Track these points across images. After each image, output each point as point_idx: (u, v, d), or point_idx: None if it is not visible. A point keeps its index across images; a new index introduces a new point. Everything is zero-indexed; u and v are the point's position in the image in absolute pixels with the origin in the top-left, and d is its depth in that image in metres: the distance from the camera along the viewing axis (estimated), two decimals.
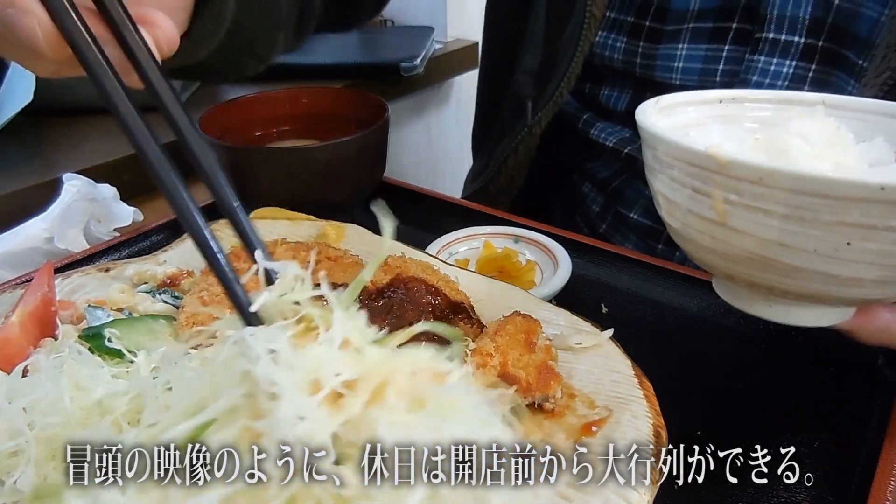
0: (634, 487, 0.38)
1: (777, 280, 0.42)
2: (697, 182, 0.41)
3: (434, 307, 0.51)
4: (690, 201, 0.42)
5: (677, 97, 0.52)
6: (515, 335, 0.47)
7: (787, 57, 0.72)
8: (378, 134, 0.79)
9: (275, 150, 0.80)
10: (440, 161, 1.71)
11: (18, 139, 1.00)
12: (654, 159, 0.45)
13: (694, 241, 0.45)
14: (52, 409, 0.39)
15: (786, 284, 0.42)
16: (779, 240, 0.39)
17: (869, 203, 0.35)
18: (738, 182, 0.38)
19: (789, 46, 0.71)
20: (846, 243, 0.37)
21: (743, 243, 0.41)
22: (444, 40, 1.56)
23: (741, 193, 0.38)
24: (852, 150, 0.45)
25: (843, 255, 0.38)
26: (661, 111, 0.51)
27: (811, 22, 0.70)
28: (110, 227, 0.76)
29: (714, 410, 0.53)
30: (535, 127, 0.87)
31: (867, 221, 0.36)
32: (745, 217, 0.39)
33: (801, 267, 0.39)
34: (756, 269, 0.42)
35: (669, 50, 0.78)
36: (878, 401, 0.53)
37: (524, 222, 0.76)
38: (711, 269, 0.47)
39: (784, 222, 0.38)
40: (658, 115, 0.50)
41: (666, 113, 0.51)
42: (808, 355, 0.58)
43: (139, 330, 0.49)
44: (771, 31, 0.71)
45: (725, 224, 0.40)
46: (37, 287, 0.52)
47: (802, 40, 0.71)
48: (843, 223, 0.36)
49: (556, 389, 0.45)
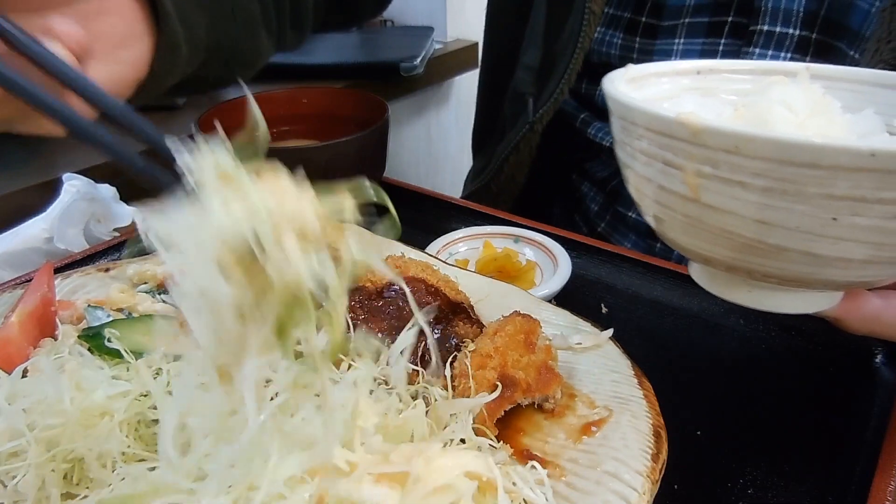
0: (634, 487, 0.38)
1: (757, 262, 0.38)
2: (668, 154, 0.37)
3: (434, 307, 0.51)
4: (661, 176, 0.38)
5: (648, 67, 0.48)
6: (515, 335, 0.47)
7: (781, 49, 0.72)
8: (378, 134, 0.79)
9: (275, 150, 0.80)
10: (440, 161, 1.71)
11: (18, 139, 1.00)
12: (623, 131, 0.41)
13: (666, 221, 0.41)
14: (53, 410, 0.39)
15: (766, 267, 0.38)
16: (758, 217, 0.35)
17: (858, 172, 0.31)
18: (712, 152, 0.34)
19: (784, 39, 0.72)
20: (832, 219, 0.33)
21: (718, 221, 0.37)
22: (444, 40, 1.56)
23: (716, 165, 0.34)
24: (839, 119, 0.41)
25: (829, 233, 0.34)
26: (632, 82, 0.47)
27: (805, 14, 0.71)
28: (110, 227, 0.76)
29: (714, 410, 0.53)
30: (536, 124, 0.88)
31: (856, 193, 0.32)
32: (721, 191, 0.35)
33: (782, 246, 0.36)
34: (733, 251, 0.38)
35: (666, 45, 0.78)
36: (878, 401, 0.53)
37: (524, 222, 0.76)
38: (686, 252, 0.43)
39: (763, 196, 0.34)
40: (628, 86, 0.46)
41: (637, 84, 0.47)
42: (808, 355, 0.59)
43: (139, 330, 0.49)
44: (766, 24, 0.72)
45: (699, 200, 0.36)
46: (36, 287, 0.52)
47: (797, 32, 0.72)
48: (829, 196, 0.32)
49: (556, 389, 0.45)
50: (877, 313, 0.41)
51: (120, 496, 0.35)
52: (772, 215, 0.34)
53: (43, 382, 0.41)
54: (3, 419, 0.39)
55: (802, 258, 0.36)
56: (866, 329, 0.42)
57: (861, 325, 0.41)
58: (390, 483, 0.34)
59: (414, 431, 0.41)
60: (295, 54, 1.32)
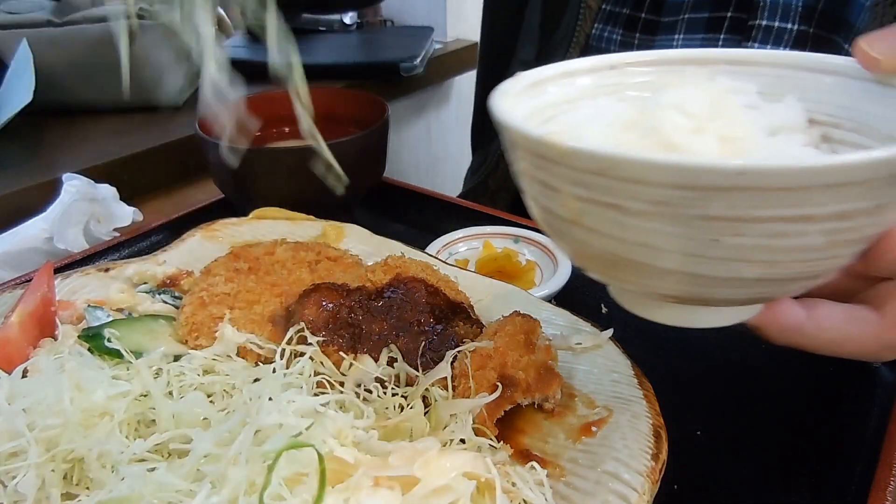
0: (634, 487, 0.38)
1: (651, 283, 0.35)
2: (544, 175, 0.34)
3: (434, 307, 0.51)
4: (544, 198, 0.35)
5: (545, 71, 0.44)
6: (515, 335, 0.47)
7: (780, 44, 0.73)
8: (378, 134, 0.79)
9: (275, 150, 0.80)
10: (440, 161, 1.71)
11: (18, 139, 1.00)
12: (507, 150, 0.38)
13: (563, 245, 0.38)
14: (53, 410, 0.39)
15: (662, 288, 0.35)
16: (639, 240, 0.32)
17: (730, 192, 0.28)
18: (584, 175, 0.31)
19: (783, 33, 0.72)
20: (714, 240, 0.30)
21: (603, 245, 0.34)
22: (444, 40, 1.56)
23: (590, 188, 0.32)
24: (742, 118, 0.37)
25: (713, 254, 0.31)
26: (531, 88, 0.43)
27: (804, 9, 0.71)
28: (110, 227, 0.76)
29: (714, 410, 0.53)
30: None
31: (731, 214, 0.29)
32: (599, 215, 0.32)
33: (671, 269, 0.33)
34: (624, 273, 0.35)
35: (665, 41, 0.78)
36: (878, 401, 0.53)
37: (524, 222, 0.76)
38: (590, 274, 0.39)
39: (640, 220, 0.31)
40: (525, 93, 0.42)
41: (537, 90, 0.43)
42: (808, 355, 0.58)
43: (139, 330, 0.49)
44: (764, 19, 0.73)
45: (581, 224, 0.34)
46: (36, 287, 0.52)
47: (795, 27, 0.72)
48: (705, 217, 0.30)
49: (555, 390, 0.45)
50: (798, 325, 0.37)
51: (120, 496, 0.35)
52: (652, 239, 0.32)
53: (43, 382, 0.41)
54: (3, 419, 0.39)
55: (693, 280, 0.33)
56: (787, 340, 0.38)
57: (780, 336, 0.38)
58: (389, 485, 0.34)
59: (412, 430, 0.41)
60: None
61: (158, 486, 0.35)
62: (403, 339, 0.48)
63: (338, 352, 0.47)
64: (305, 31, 1.48)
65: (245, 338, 0.48)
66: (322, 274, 0.55)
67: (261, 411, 0.38)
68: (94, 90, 1.08)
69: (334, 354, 0.47)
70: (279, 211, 0.70)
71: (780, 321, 0.37)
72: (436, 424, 0.42)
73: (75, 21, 1.03)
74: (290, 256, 0.57)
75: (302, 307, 0.49)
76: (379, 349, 0.47)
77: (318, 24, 1.50)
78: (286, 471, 0.34)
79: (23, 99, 0.94)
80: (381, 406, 0.43)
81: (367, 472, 0.35)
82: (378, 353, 0.47)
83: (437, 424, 0.42)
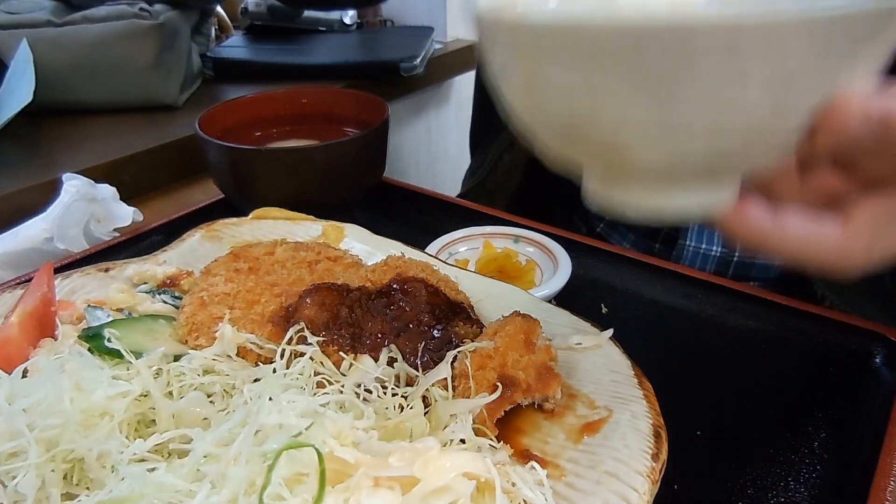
0: (634, 487, 0.38)
1: (618, 153, 0.35)
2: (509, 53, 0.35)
3: (434, 307, 0.51)
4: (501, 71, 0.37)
5: None
6: (515, 335, 0.47)
7: None
8: (378, 134, 0.79)
9: (275, 150, 0.80)
10: (440, 161, 1.71)
11: (18, 139, 1.00)
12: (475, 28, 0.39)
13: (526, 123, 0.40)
14: (53, 410, 0.39)
15: (626, 155, 0.35)
16: (600, 97, 0.33)
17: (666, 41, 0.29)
18: (545, 39, 0.32)
19: None
20: (661, 88, 0.31)
21: (574, 107, 0.34)
22: (444, 40, 1.56)
23: (549, 51, 0.32)
24: None
25: (664, 103, 0.31)
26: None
27: None
28: (110, 227, 0.76)
29: (714, 410, 0.53)
30: None
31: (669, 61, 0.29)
32: (566, 76, 0.33)
33: (630, 121, 0.33)
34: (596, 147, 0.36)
35: None
36: (878, 401, 0.53)
37: (524, 222, 0.76)
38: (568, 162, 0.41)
39: (596, 76, 0.32)
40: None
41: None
42: (807, 355, 0.59)
43: (139, 330, 0.49)
44: None
45: (534, 91, 0.35)
46: (36, 287, 0.52)
47: None
48: (647, 66, 0.30)
49: (555, 390, 0.45)
50: (762, 227, 0.37)
51: (120, 497, 0.35)
52: (611, 96, 0.32)
53: (43, 382, 0.41)
54: (3, 419, 0.39)
55: (645, 129, 0.33)
56: (752, 241, 0.38)
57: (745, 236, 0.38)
58: (389, 485, 0.34)
59: (412, 430, 0.41)
60: (295, 54, 1.32)
61: (158, 486, 0.35)
62: (403, 339, 0.48)
63: (338, 352, 0.47)
64: (305, 31, 1.48)
65: (245, 338, 0.48)
66: (322, 274, 0.56)
67: (261, 411, 0.38)
68: (94, 90, 1.08)
69: (334, 354, 0.47)
70: (279, 211, 0.70)
71: (747, 221, 0.37)
72: (436, 425, 0.42)
73: (75, 21, 1.03)
74: (290, 256, 0.57)
75: (302, 307, 0.49)
76: (379, 349, 0.47)
77: (318, 24, 1.50)
78: (286, 471, 0.34)
79: (23, 99, 0.94)
80: (381, 406, 0.43)
81: (367, 472, 0.35)
82: (378, 353, 0.47)
83: (437, 425, 0.42)
